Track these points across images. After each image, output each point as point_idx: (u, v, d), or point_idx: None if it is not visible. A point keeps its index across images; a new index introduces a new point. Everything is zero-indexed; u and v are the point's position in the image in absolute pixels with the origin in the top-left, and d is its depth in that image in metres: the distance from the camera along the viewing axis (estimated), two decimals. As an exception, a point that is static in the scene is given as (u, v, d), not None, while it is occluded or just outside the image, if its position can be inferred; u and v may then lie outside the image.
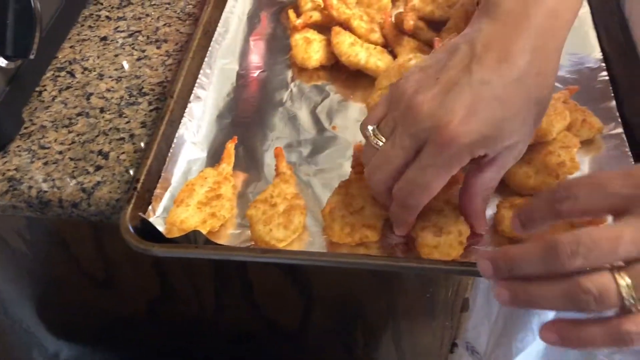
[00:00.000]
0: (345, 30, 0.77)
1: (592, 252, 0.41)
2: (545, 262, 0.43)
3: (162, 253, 0.57)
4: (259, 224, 0.59)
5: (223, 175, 0.64)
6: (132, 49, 0.83)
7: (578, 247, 0.41)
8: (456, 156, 0.50)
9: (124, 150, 0.70)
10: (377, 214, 0.59)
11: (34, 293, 0.95)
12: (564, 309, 0.43)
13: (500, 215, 0.60)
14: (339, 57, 0.75)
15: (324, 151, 0.69)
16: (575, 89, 0.70)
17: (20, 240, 0.80)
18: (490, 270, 0.46)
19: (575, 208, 0.45)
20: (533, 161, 0.62)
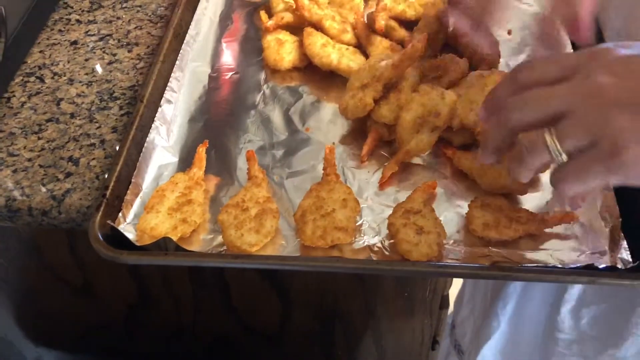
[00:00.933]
0: (318, 31, 0.77)
1: (531, 105, 0.47)
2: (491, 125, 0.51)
3: (131, 261, 0.56)
4: (230, 228, 0.58)
5: (194, 180, 0.63)
6: (103, 53, 0.82)
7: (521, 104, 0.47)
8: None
9: (94, 156, 0.69)
10: (348, 217, 0.59)
11: (10, 301, 0.94)
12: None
13: (470, 215, 0.60)
14: (311, 58, 0.75)
15: (297, 153, 0.69)
16: None
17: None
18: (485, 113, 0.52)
19: (532, 76, 0.48)
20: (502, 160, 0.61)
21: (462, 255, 0.59)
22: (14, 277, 0.88)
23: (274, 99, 0.75)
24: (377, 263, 0.56)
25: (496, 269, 0.55)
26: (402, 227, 0.57)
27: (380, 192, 0.64)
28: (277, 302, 0.87)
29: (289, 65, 0.77)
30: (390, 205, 0.62)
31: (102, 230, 0.58)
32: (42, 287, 0.90)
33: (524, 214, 0.60)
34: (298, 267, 0.57)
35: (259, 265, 0.56)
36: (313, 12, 0.77)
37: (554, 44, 0.78)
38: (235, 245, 0.58)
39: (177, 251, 0.57)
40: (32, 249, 0.81)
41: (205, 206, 0.63)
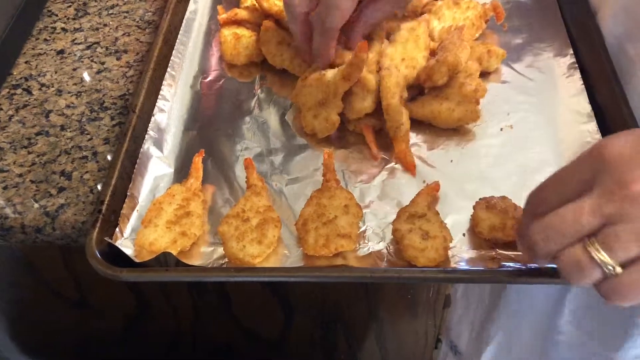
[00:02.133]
0: (275, 27, 0.75)
1: (560, 231, 0.44)
2: (531, 258, 0.48)
3: (131, 278, 0.55)
4: (231, 240, 0.57)
5: (191, 191, 0.62)
6: (91, 62, 0.80)
7: (547, 232, 0.45)
8: None
9: (87, 169, 0.67)
10: (351, 223, 0.58)
11: (5, 316, 0.92)
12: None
13: (476, 216, 0.59)
14: (265, 55, 0.74)
15: (296, 159, 0.67)
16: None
17: (-13, 266, 0.77)
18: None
19: (549, 207, 0.46)
20: (451, 96, 0.67)
21: (468, 258, 0.58)
22: (8, 292, 0.86)
23: (269, 102, 0.73)
24: (385, 271, 0.55)
25: (505, 274, 0.54)
26: (407, 232, 0.56)
27: (382, 196, 0.63)
28: (279, 308, 0.85)
29: (246, 61, 0.76)
30: (393, 209, 0.61)
31: (100, 247, 0.56)
32: (37, 302, 0.89)
33: None
34: (304, 278, 0.55)
35: (263, 279, 0.55)
36: (271, 2, 0.75)
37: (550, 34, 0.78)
38: (237, 257, 0.56)
39: (178, 266, 0.56)
40: (25, 264, 0.79)
41: (204, 217, 0.61)
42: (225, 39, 0.77)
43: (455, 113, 0.67)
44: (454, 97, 0.67)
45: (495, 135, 0.68)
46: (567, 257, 0.44)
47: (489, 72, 0.74)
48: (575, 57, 0.74)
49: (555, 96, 0.71)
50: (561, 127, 0.68)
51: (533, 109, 0.70)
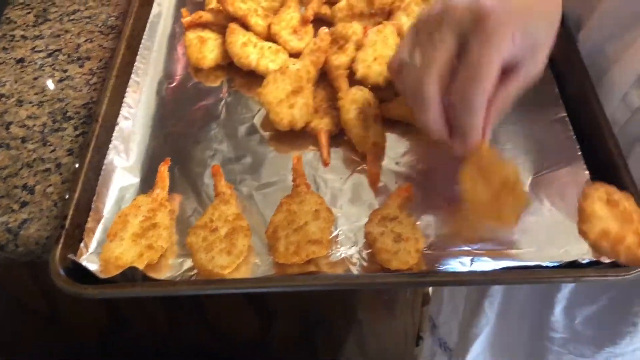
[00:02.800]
0: (241, 29, 0.74)
1: None
2: None
3: (97, 295, 0.53)
4: (200, 252, 0.56)
5: (158, 201, 0.60)
6: (53, 70, 0.77)
7: None
8: (501, 34, 0.50)
9: (50, 182, 0.65)
10: (322, 228, 0.57)
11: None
12: None
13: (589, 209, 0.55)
14: (232, 57, 0.73)
15: (265, 164, 0.66)
16: None
17: (-47, 284, 0.75)
18: None
19: None
20: None
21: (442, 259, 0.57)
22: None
23: (237, 107, 0.72)
24: (357, 278, 0.54)
25: (480, 275, 0.54)
26: (379, 235, 0.55)
27: (354, 199, 0.62)
28: (256, 314, 0.84)
29: (212, 64, 0.74)
30: (365, 212, 0.60)
31: (64, 264, 0.54)
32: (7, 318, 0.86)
33: None
34: (274, 288, 0.54)
35: (233, 290, 0.54)
36: (237, 6, 0.74)
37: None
38: (206, 269, 0.55)
39: (145, 280, 0.54)
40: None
41: (172, 228, 0.60)
42: (190, 42, 0.75)
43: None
44: None
45: (466, 133, 0.67)
46: None
47: None
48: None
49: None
50: (531, 122, 0.68)
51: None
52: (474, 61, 0.50)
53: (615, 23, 0.68)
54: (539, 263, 0.54)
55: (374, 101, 0.66)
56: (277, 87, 0.66)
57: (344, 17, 0.76)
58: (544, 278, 0.53)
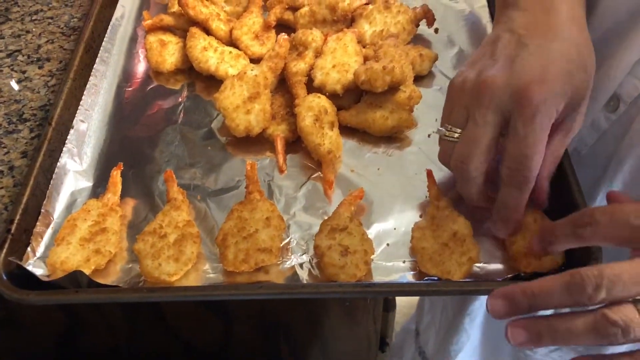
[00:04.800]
0: (202, 33, 0.74)
1: (616, 286, 0.42)
2: (571, 295, 0.42)
3: (39, 301, 0.52)
4: (147, 258, 0.55)
5: (108, 206, 0.60)
6: (12, 71, 0.77)
7: (602, 281, 0.41)
8: (546, 113, 0.50)
9: (2, 185, 0.65)
10: (272, 236, 0.57)
11: None
12: (590, 342, 0.43)
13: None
14: (191, 62, 0.72)
15: (220, 170, 0.66)
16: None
17: None
18: (505, 309, 0.45)
19: (596, 234, 0.46)
20: (384, 104, 0.66)
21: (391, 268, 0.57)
22: None
23: (195, 111, 0.71)
24: (302, 287, 0.54)
25: (423, 286, 0.54)
26: (327, 250, 0.55)
27: (307, 207, 0.62)
28: (216, 319, 0.84)
29: (172, 67, 0.74)
30: (318, 220, 0.60)
31: (7, 269, 0.54)
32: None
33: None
34: (219, 297, 0.54)
35: (177, 299, 0.53)
36: (198, 10, 0.74)
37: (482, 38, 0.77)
38: (152, 275, 0.54)
39: (91, 286, 0.54)
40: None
41: (122, 234, 0.59)
42: (150, 45, 0.75)
43: (389, 121, 0.66)
44: (387, 105, 0.67)
45: (423, 142, 0.68)
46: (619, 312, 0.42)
47: (421, 76, 0.74)
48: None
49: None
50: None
51: (461, 115, 0.70)
52: (522, 137, 0.50)
53: None
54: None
55: (331, 109, 0.66)
56: (234, 92, 0.66)
57: (307, 23, 0.76)
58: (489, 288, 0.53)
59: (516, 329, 0.44)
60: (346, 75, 0.68)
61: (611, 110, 0.65)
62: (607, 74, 0.65)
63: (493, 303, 0.45)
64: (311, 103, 0.65)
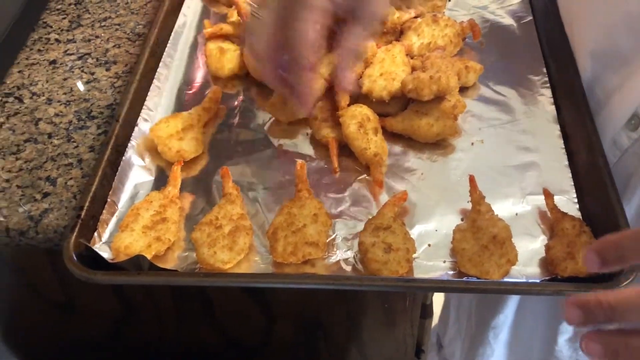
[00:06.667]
0: None
1: None
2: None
3: (105, 281, 0.57)
4: (203, 246, 0.59)
5: (169, 198, 0.64)
6: (82, 72, 0.83)
7: None
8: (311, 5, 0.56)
9: (71, 175, 0.70)
10: (319, 231, 0.60)
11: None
12: None
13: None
14: (248, 69, 0.77)
15: (272, 169, 0.70)
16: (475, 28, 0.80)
17: (-25, 270, 0.79)
18: (580, 318, 0.43)
19: None
20: (430, 111, 0.69)
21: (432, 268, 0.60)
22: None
23: (249, 115, 0.76)
24: (346, 278, 0.57)
25: (462, 283, 0.56)
26: (370, 246, 0.58)
27: (353, 206, 0.65)
28: (260, 314, 0.87)
29: (230, 73, 0.79)
30: (363, 219, 0.63)
31: (77, 250, 0.59)
32: (25, 305, 0.91)
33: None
34: (268, 284, 0.58)
35: (229, 284, 0.57)
36: None
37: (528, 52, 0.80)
38: (208, 263, 0.58)
39: (151, 269, 0.58)
40: (14, 268, 0.81)
41: (180, 224, 0.64)
42: (210, 52, 0.79)
43: (434, 128, 0.69)
44: (433, 112, 0.70)
45: (466, 150, 0.70)
46: None
47: (466, 87, 0.77)
48: (548, 75, 0.76)
49: (527, 113, 0.73)
50: (531, 143, 0.70)
51: (504, 125, 0.72)
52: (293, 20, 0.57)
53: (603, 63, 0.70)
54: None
55: (373, 116, 0.70)
56: (167, 125, 0.71)
57: None
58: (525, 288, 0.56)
59: (593, 343, 0.43)
60: (393, 83, 0.71)
61: (632, 129, 0.66)
62: (628, 93, 0.67)
63: (569, 311, 0.44)
64: (354, 112, 0.69)
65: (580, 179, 0.66)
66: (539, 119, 0.73)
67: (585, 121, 0.68)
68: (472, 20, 0.80)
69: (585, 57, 0.74)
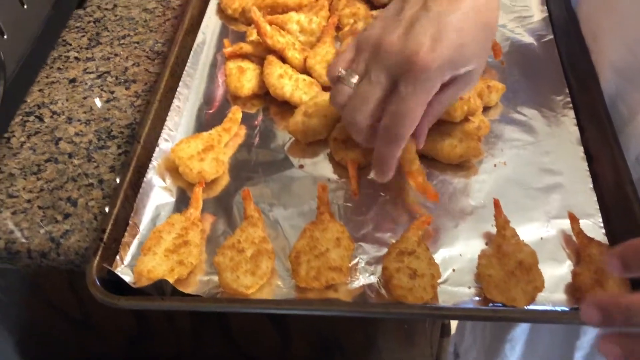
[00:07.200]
0: (278, 61, 0.78)
1: None
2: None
3: (128, 306, 0.57)
4: (226, 271, 0.59)
5: (191, 220, 0.64)
6: (101, 91, 0.83)
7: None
8: (430, 80, 0.56)
9: (92, 196, 0.70)
10: (342, 256, 0.60)
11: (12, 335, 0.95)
12: None
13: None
14: (268, 88, 0.77)
15: (293, 191, 0.69)
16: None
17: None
18: (598, 318, 0.43)
19: None
20: (453, 132, 0.69)
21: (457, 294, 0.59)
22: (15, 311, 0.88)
23: (269, 134, 0.76)
24: (372, 306, 0.57)
25: (490, 312, 0.56)
26: (395, 272, 0.57)
27: (375, 230, 0.65)
28: (276, 333, 0.87)
29: (249, 93, 0.78)
30: (386, 243, 0.63)
31: (100, 275, 0.58)
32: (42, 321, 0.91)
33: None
34: (293, 310, 0.57)
35: (256, 310, 0.57)
36: (275, 39, 0.78)
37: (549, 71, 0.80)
38: (231, 287, 0.58)
39: (174, 294, 0.58)
40: (32, 286, 0.81)
41: (202, 247, 0.63)
42: (230, 71, 0.79)
43: (458, 149, 0.69)
44: (456, 134, 0.69)
45: (488, 172, 0.70)
46: None
47: (488, 107, 0.76)
48: (570, 96, 0.76)
49: (550, 134, 0.73)
50: (554, 165, 0.70)
51: (527, 146, 0.72)
52: (403, 98, 0.56)
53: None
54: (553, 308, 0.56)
55: None
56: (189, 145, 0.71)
57: None
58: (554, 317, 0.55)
59: (610, 344, 0.43)
60: None
61: None
62: None
63: (586, 310, 0.44)
64: None
65: (605, 202, 0.65)
66: (562, 140, 0.72)
67: (610, 143, 0.67)
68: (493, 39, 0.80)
69: (608, 73, 0.73)
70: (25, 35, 0.81)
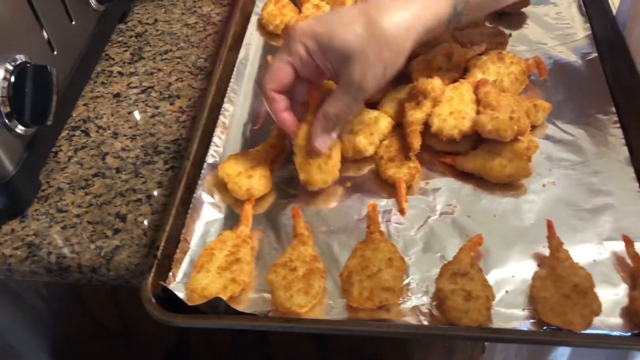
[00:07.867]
0: None
1: None
2: None
3: (185, 324, 0.57)
4: (279, 290, 0.59)
5: (241, 237, 0.64)
6: (146, 105, 0.84)
7: None
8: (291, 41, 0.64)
9: (141, 212, 0.70)
10: (395, 276, 0.60)
11: (49, 345, 0.95)
12: None
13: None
14: None
15: (341, 209, 0.69)
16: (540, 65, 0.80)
17: (38, 297, 0.80)
18: None
19: None
20: (503, 152, 0.69)
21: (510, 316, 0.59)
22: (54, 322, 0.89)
23: (314, 151, 0.76)
24: (429, 328, 0.57)
25: (548, 335, 0.55)
26: (450, 293, 0.57)
27: (426, 249, 0.65)
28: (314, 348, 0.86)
29: None
30: (437, 263, 0.63)
31: (154, 292, 0.59)
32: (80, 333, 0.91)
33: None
34: (351, 332, 0.57)
35: (310, 330, 0.57)
36: None
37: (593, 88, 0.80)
38: (285, 306, 0.58)
39: (228, 312, 0.58)
40: (75, 298, 0.82)
41: (253, 264, 0.64)
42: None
43: (507, 169, 0.68)
44: (505, 153, 0.69)
45: (537, 192, 0.69)
46: None
47: (535, 125, 0.75)
48: (618, 115, 0.75)
49: (598, 154, 0.72)
50: (604, 185, 0.69)
51: (575, 166, 0.71)
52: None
53: None
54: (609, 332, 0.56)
55: None
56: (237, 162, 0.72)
57: (422, 70, 0.80)
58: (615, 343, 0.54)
59: None
60: (463, 122, 0.71)
61: None
62: None
63: None
64: None
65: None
66: (611, 160, 0.71)
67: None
68: (538, 58, 0.79)
69: None
70: (73, 51, 0.82)
